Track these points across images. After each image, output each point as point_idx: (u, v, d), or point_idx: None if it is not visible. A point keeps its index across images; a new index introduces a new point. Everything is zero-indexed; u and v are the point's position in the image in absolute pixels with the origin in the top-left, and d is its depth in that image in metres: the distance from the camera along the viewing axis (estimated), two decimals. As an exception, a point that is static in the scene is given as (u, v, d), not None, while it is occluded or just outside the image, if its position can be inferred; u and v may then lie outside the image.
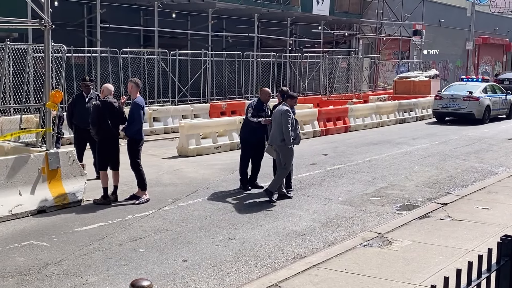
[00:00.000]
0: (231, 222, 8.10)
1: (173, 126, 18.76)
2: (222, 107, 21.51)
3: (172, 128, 18.71)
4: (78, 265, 6.31)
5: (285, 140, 8.97)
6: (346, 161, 13.23)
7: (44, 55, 8.94)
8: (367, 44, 34.58)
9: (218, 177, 11.29)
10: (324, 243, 7.28)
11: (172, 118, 19.11)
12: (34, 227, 7.74)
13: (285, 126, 8.86)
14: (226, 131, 15.23)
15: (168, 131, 18.68)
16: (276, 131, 9.11)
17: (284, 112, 8.92)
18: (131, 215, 8.35)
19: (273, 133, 9.21)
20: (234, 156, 13.89)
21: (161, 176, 11.35)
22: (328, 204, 9.23)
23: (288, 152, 9.14)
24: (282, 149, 9.12)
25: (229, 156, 14.09)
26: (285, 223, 8.11)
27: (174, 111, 19.43)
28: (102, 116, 8.80)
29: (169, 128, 18.80)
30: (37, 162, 8.52)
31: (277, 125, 9.07)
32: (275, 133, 9.14)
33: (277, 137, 9.06)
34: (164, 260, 6.53)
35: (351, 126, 19.72)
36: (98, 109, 8.84)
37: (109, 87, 9.22)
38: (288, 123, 8.87)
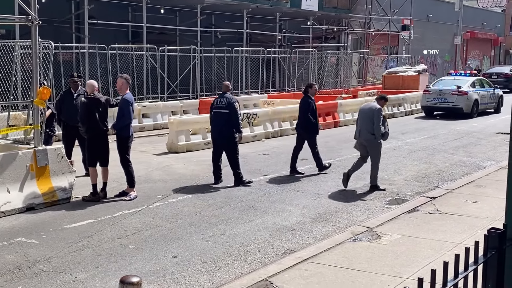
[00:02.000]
0: (221, 218, 8.10)
1: (162, 122, 18.68)
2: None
3: (162, 124, 18.64)
4: (68, 262, 6.29)
5: (375, 135, 9.74)
6: (335, 156, 13.26)
7: (31, 51, 8.87)
8: (356, 39, 34.65)
9: (208, 173, 11.25)
10: (314, 237, 7.30)
11: (162, 114, 19.05)
12: (23, 224, 7.70)
13: (377, 122, 9.70)
14: (215, 127, 15.17)
15: (157, 128, 18.61)
16: (364, 126, 9.86)
17: (377, 109, 9.79)
18: (120, 211, 8.33)
19: (361, 128, 9.95)
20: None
21: (150, 172, 11.32)
22: (318, 199, 9.25)
23: (377, 146, 9.91)
24: (371, 143, 9.88)
25: (218, 152, 14.06)
26: (275, 218, 8.13)
27: (164, 107, 19.37)
28: (90, 113, 8.76)
29: (158, 125, 18.73)
30: (25, 159, 8.47)
31: (367, 120, 9.81)
32: (363, 128, 9.90)
33: (366, 132, 9.83)
34: (154, 256, 6.52)
35: (341, 121, 19.76)
36: (86, 106, 8.80)
37: (92, 83, 9.18)
38: (380, 120, 9.75)
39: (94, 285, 5.75)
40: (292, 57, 28.40)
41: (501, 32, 51.62)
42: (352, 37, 34.06)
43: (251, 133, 16.11)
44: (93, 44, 18.65)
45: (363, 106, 10.32)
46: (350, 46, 33.29)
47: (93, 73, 18.58)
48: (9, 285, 5.72)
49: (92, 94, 8.95)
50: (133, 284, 2.98)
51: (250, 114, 16.33)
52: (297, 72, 28.53)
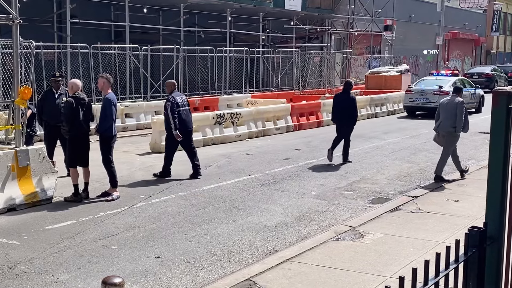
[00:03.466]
0: (205, 218, 8.09)
1: (145, 122, 18.58)
2: (195, 103, 21.38)
3: (145, 124, 18.53)
4: (49, 263, 6.23)
5: (456, 128, 10.24)
6: (319, 156, 13.30)
7: (12, 51, 8.76)
8: (339, 40, 34.80)
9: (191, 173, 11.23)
10: (297, 237, 7.32)
11: (145, 114, 18.94)
12: (4, 225, 7.61)
13: (459, 115, 10.17)
14: (199, 126, 15.14)
15: (140, 127, 18.50)
16: (447, 119, 10.30)
17: (460, 103, 10.25)
18: (102, 212, 8.27)
19: (443, 121, 10.36)
20: (208, 152, 13.90)
21: (133, 172, 11.26)
22: (301, 199, 9.28)
23: (454, 139, 10.41)
24: (450, 135, 10.34)
25: (202, 151, 13.97)
26: (258, 218, 8.13)
27: (147, 107, 19.26)
28: (75, 112, 8.66)
29: (141, 124, 18.62)
30: (6, 160, 8.36)
31: (449, 113, 10.28)
32: (445, 121, 10.33)
33: (448, 125, 10.28)
34: (136, 257, 6.49)
35: (324, 120, 19.76)
36: (71, 105, 8.67)
37: (78, 82, 9.08)
38: (463, 113, 10.22)
39: (76, 286, 5.71)
40: (276, 57, 28.43)
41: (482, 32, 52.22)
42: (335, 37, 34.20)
43: (235, 132, 16.09)
44: (75, 44, 18.47)
45: (443, 100, 10.80)
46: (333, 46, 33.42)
47: (75, 72, 18.41)
48: (-10, 287, 5.65)
49: (77, 93, 8.86)
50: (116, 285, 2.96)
51: (233, 114, 16.32)
52: (280, 72, 28.55)
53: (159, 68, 22.18)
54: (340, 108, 12.47)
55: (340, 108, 12.46)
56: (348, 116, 12.38)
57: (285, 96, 24.05)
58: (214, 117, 15.58)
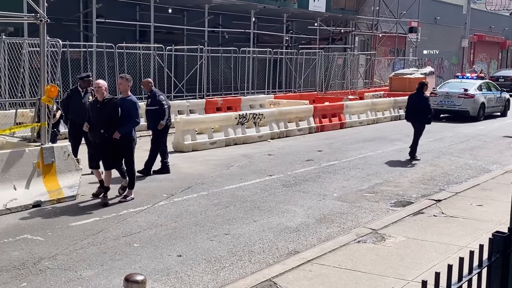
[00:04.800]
0: (226, 218, 8.11)
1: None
2: (218, 103, 21.51)
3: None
4: (73, 260, 6.31)
5: None
6: (341, 158, 13.26)
7: (39, 49, 8.90)
8: (363, 41, 34.60)
9: (213, 173, 11.29)
10: (318, 238, 7.30)
11: (168, 114, 19.03)
12: (29, 221, 7.73)
13: None
14: (221, 127, 15.24)
15: (163, 127, 18.60)
16: None
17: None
18: (125, 210, 8.35)
19: None
20: (230, 152, 13.96)
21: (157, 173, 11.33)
22: (322, 200, 9.25)
23: None
24: None
25: (224, 152, 14.11)
26: (279, 218, 8.13)
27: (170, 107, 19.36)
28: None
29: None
30: (32, 157, 8.50)
31: None
32: None
33: None
34: (158, 255, 6.54)
35: (347, 122, 19.72)
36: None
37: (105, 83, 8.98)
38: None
39: (99, 283, 5.77)
40: (299, 58, 28.40)
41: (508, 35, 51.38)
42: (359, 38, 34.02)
43: (257, 133, 16.12)
44: (101, 43, 18.70)
45: None
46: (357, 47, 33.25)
47: (101, 72, 18.64)
48: (14, 282, 5.75)
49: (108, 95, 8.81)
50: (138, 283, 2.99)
51: (256, 115, 16.35)
52: (303, 73, 28.51)
53: (182, 68, 22.33)
54: (414, 108, 12.99)
55: (414, 108, 12.99)
56: (422, 116, 12.89)
57: (307, 97, 24.00)
58: (237, 118, 15.63)
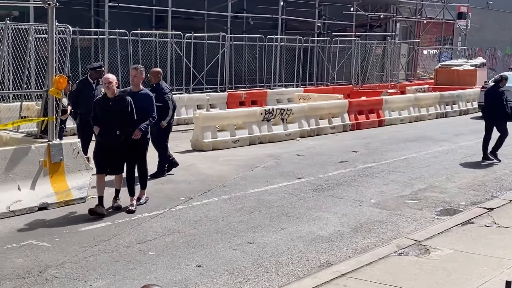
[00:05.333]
0: (250, 225, 8.13)
1: (186, 117, 18.84)
2: (241, 97, 21.56)
3: (186, 119, 18.80)
4: (82, 268, 6.40)
5: None
6: (379, 159, 13.18)
7: (47, 36, 9.02)
8: (405, 28, 34.29)
9: (236, 174, 11.33)
10: (353, 250, 7.27)
11: (186, 108, 19.21)
12: (34, 225, 7.86)
13: None
14: (245, 123, 15.27)
15: (181, 122, 18.73)
16: None
17: None
18: (140, 214, 8.43)
19: None
20: (254, 151, 13.98)
21: (173, 172, 11.41)
22: (358, 207, 9.22)
23: None
24: None
25: (248, 151, 14.13)
26: (310, 226, 8.12)
27: (188, 100, 19.53)
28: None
29: (182, 119, 18.87)
30: (38, 154, 8.64)
31: None
32: None
33: None
34: (176, 264, 6.59)
35: (386, 120, 19.63)
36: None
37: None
38: None
39: (110, 294, 5.84)
40: (333, 46, 28.29)
41: None
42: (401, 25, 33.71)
43: (285, 131, 16.12)
44: (114, 30, 18.90)
45: None
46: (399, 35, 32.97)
47: (113, 61, 18.85)
48: (19, 291, 5.85)
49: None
50: (154, 294, 3.00)
51: (283, 110, 16.34)
52: (337, 63, 28.40)
53: (202, 58, 22.43)
54: (489, 104, 13.11)
55: (489, 104, 13.10)
56: (497, 112, 12.89)
57: (342, 91, 23.89)
58: (262, 113, 15.64)
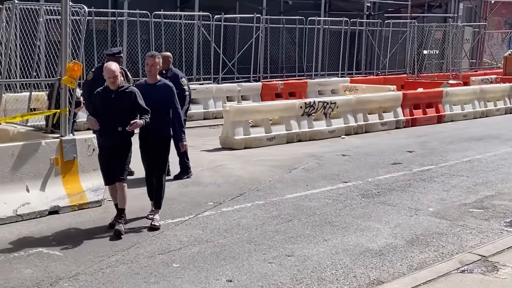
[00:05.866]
0: (288, 235, 8.14)
1: (215, 111, 18.98)
2: (278, 88, 21.59)
3: (214, 113, 18.94)
4: (98, 281, 6.48)
5: None
6: (438, 161, 13.07)
7: (60, 17, 9.16)
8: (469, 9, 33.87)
9: (272, 177, 11.34)
10: (408, 265, 7.22)
11: (214, 100, 19.34)
12: (44, 231, 7.99)
13: None
14: (282, 118, 15.28)
15: (208, 117, 18.90)
16: None
17: None
18: (162, 221, 8.50)
19: None
20: (293, 150, 13.99)
21: (200, 173, 11.50)
22: (414, 216, 9.15)
23: None
24: None
25: (285, 150, 14.14)
26: (358, 238, 8.09)
27: (217, 91, 19.64)
28: None
29: (210, 113, 19.03)
30: (49, 151, 8.77)
31: None
32: None
33: None
34: (203, 278, 6.63)
35: (446, 115, 19.52)
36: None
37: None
38: None
39: (130, 311, 5.92)
40: (384, 30, 28.10)
41: None
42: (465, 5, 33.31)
43: (328, 127, 16.11)
44: (134, 10, 19.08)
45: None
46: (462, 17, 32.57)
47: (133, 46, 19.05)
48: (27, 305, 5.97)
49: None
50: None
51: (326, 103, 16.32)
52: (389, 50, 28.22)
53: (233, 43, 22.50)
54: None
55: None
56: None
57: (394, 82, 23.75)
58: (302, 107, 15.65)
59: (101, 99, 7.99)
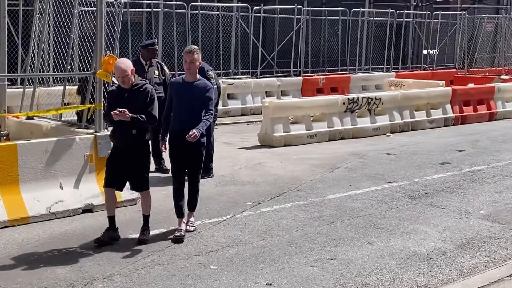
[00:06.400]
0: (331, 237, 8.12)
1: (253, 106, 19.02)
2: (319, 83, 21.55)
3: (252, 109, 18.98)
4: (133, 282, 6.55)
5: None
6: (490, 161, 12.93)
7: (95, 9, 9.27)
8: (523, -1, 33.30)
9: (313, 176, 11.33)
10: (458, 271, 7.15)
11: (253, 96, 19.38)
12: (78, 230, 8.10)
13: None
14: (324, 114, 15.26)
15: (246, 113, 18.95)
16: None
17: None
18: (199, 221, 8.55)
19: None
20: (335, 149, 13.96)
21: (237, 171, 11.54)
22: (464, 219, 9.06)
23: None
24: None
25: (327, 148, 14.11)
26: (404, 241, 8.04)
27: (256, 86, 19.67)
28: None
29: (247, 109, 19.08)
30: (84, 147, 8.89)
31: None
32: None
33: None
34: (242, 281, 6.65)
35: (498, 112, 19.35)
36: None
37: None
38: None
39: (166, 313, 5.97)
40: (432, 22, 27.81)
41: None
42: (519, -5, 32.76)
43: (372, 124, 16.05)
44: (170, 2, 19.20)
45: None
46: (515, 8, 32.05)
47: (168, 39, 19.18)
48: (61, 306, 6.06)
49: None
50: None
51: (371, 99, 16.25)
52: (438, 43, 27.91)
53: (273, 35, 22.51)
54: None
55: None
56: None
57: (443, 77, 23.52)
58: (345, 103, 15.61)
59: (115, 99, 7.60)
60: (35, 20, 10.84)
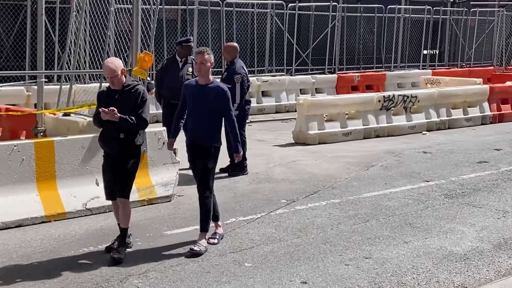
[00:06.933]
0: (366, 236, 8.09)
1: (287, 104, 19.03)
2: (354, 80, 21.48)
3: (286, 106, 18.99)
4: (168, 279, 6.59)
5: None
6: (521, 163, 12.80)
7: (131, 6, 9.35)
8: None
9: (348, 174, 11.30)
10: (496, 271, 7.08)
11: (287, 93, 19.38)
12: (113, 226, 8.14)
13: None
14: (359, 112, 15.21)
15: (281, 110, 18.97)
16: None
17: None
18: (233, 218, 8.59)
19: None
20: (370, 147, 13.90)
21: (272, 169, 11.56)
22: (502, 219, 8.96)
23: None
24: None
25: (362, 146, 14.06)
26: (440, 241, 7.98)
27: (290, 84, 19.68)
28: None
29: (282, 106, 19.09)
30: (119, 144, 8.96)
31: None
32: None
33: None
34: (276, 279, 6.65)
35: (537, 111, 19.01)
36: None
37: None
38: None
39: (200, 310, 6.00)
40: (470, 19, 27.51)
41: None
42: (559, -8, 32.22)
43: (408, 122, 15.97)
44: (205, -1, 19.27)
45: None
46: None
47: (203, 36, 19.23)
48: (97, 301, 6.13)
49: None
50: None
51: (406, 97, 16.17)
52: (475, 40, 27.61)
53: (308, 33, 22.47)
54: None
55: None
56: None
57: (480, 75, 23.28)
58: (380, 100, 15.54)
59: (105, 100, 7.13)
60: (72, 17, 10.97)
